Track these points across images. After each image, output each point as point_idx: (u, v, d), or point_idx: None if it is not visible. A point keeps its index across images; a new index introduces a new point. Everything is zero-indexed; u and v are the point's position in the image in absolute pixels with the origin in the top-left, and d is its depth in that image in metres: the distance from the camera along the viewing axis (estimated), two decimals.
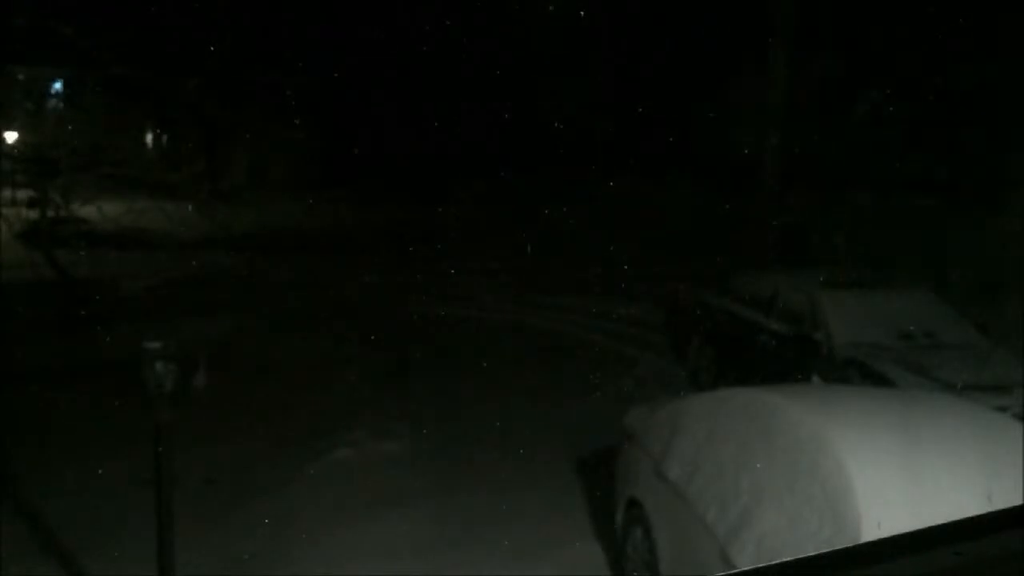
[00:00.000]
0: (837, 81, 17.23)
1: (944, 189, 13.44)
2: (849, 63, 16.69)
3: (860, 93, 16.65)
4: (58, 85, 22.37)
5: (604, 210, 18.72)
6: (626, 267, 15.06)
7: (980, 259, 11.71)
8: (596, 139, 20.99)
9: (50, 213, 17.20)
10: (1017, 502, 1.78)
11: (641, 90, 21.56)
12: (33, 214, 17.47)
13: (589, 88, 21.81)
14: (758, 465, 4.55)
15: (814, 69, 17.73)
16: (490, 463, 8.00)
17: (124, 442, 7.20)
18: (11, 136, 18.80)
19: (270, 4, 21.47)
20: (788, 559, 1.47)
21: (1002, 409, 6.03)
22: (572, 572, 6.24)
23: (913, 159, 14.46)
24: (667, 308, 12.67)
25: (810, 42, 17.38)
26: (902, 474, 4.11)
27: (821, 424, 4.46)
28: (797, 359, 8.79)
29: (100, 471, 7.42)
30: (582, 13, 20.35)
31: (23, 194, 18.55)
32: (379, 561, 6.20)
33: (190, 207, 17.28)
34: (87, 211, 16.49)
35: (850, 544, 3.47)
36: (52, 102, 22.41)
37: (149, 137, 31.09)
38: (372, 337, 12.28)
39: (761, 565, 1.47)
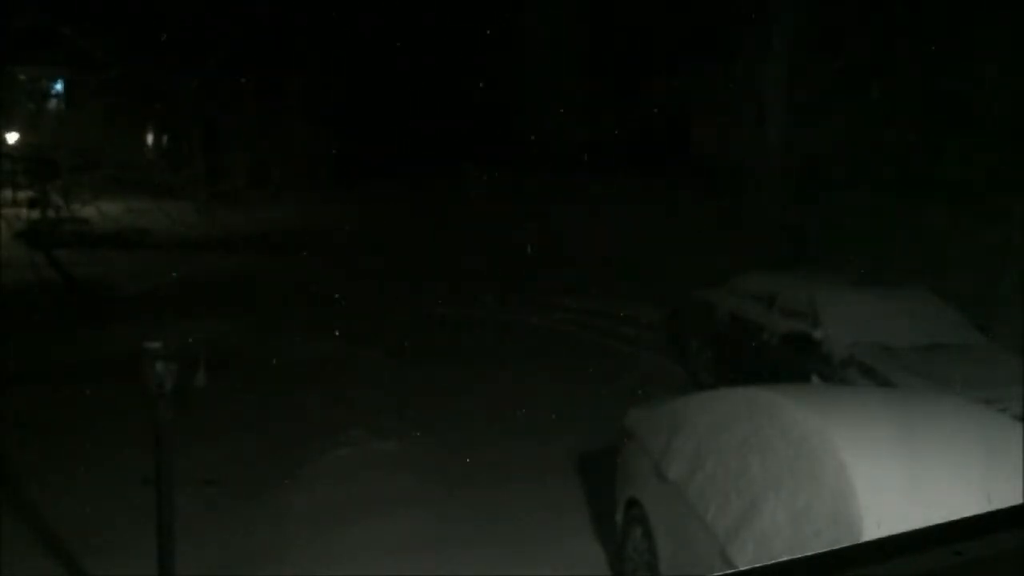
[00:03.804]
0: (838, 80, 17.23)
1: (945, 189, 13.44)
2: (850, 62, 16.69)
3: (861, 92, 16.65)
4: (58, 85, 22.39)
5: (605, 210, 18.72)
6: (626, 267, 15.06)
7: (980, 259, 11.71)
8: (598, 139, 20.99)
9: (50, 213, 17.20)
10: (1017, 502, 1.78)
11: (641, 89, 21.56)
12: (33, 214, 17.48)
13: (592, 87, 21.83)
14: (758, 465, 4.55)
15: (814, 67, 17.73)
16: (489, 462, 8.00)
17: (124, 442, 7.20)
18: (11, 136, 18.81)
19: (270, 4, 21.48)
20: (788, 559, 1.47)
21: (1002, 409, 6.03)
22: (572, 572, 6.24)
23: (915, 159, 14.46)
24: (667, 308, 12.67)
25: (811, 41, 17.39)
26: (902, 474, 4.12)
27: (821, 424, 4.46)
28: (797, 359, 8.79)
29: (100, 471, 7.42)
30: (583, 11, 20.37)
31: (23, 194, 18.56)
32: (379, 560, 6.20)
33: (190, 207, 17.28)
34: (87, 211, 16.49)
35: (850, 544, 3.47)
36: (52, 102, 22.43)
37: (149, 137, 31.12)
38: (372, 336, 12.29)
39: (761, 565, 1.47)
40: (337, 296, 14.71)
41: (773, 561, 3.40)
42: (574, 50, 21.54)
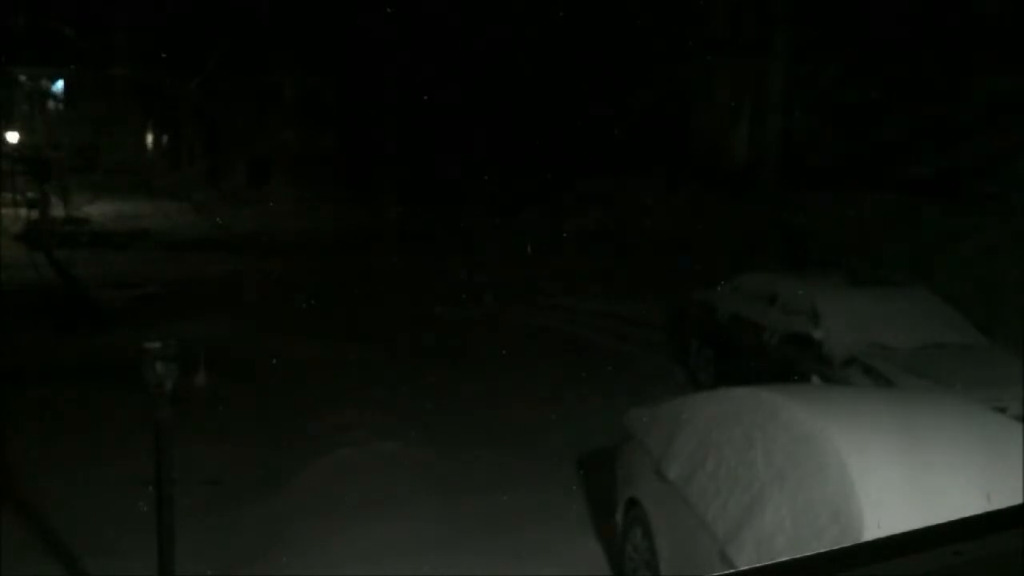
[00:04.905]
0: (837, 79, 17.23)
1: (945, 189, 13.44)
2: (850, 61, 16.69)
3: (861, 91, 16.65)
4: (58, 85, 22.42)
5: (605, 209, 18.72)
6: (626, 267, 15.06)
7: (980, 259, 11.71)
8: (596, 138, 21.00)
9: (50, 213, 17.22)
10: (1017, 502, 1.78)
11: (640, 88, 21.55)
12: (33, 214, 17.49)
13: (591, 87, 21.83)
14: (758, 465, 4.55)
15: (814, 67, 17.73)
16: (489, 462, 8.00)
17: (124, 442, 7.20)
18: (11, 136, 18.82)
19: (271, 4, 21.49)
20: (788, 559, 1.47)
21: (1002, 409, 6.03)
22: (572, 572, 6.24)
23: (914, 159, 14.46)
24: (667, 308, 12.68)
25: (811, 40, 17.40)
26: (902, 474, 4.12)
27: (821, 424, 4.46)
28: (797, 359, 8.79)
29: (101, 471, 7.42)
30: (582, 11, 20.36)
31: (23, 194, 18.57)
32: (380, 561, 6.20)
33: (190, 207, 17.28)
34: (87, 211, 16.50)
35: (850, 544, 3.47)
36: (52, 102, 22.47)
37: (149, 137, 31.14)
38: (373, 336, 12.29)
39: (761, 565, 1.47)
40: (337, 296, 14.72)
41: (773, 561, 3.40)
42: (572, 48, 21.53)
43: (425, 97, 22.41)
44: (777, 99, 18.54)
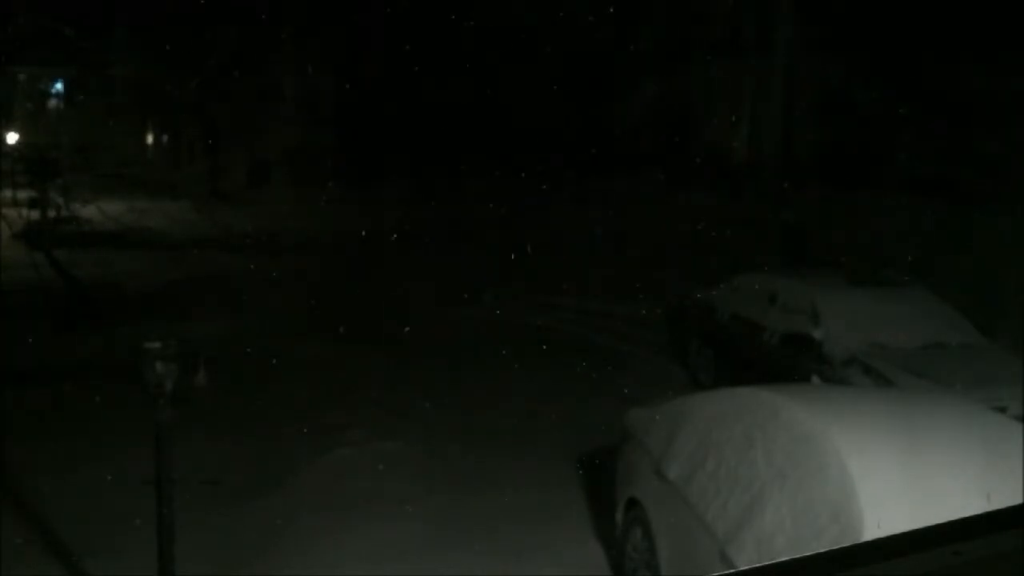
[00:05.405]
0: (838, 79, 17.23)
1: (945, 189, 13.44)
2: (850, 61, 16.69)
3: (861, 91, 16.65)
4: (58, 85, 22.43)
5: (605, 208, 18.70)
6: (626, 266, 15.04)
7: (980, 259, 11.70)
8: (597, 137, 21.00)
9: (50, 213, 17.22)
10: (1017, 502, 1.78)
11: (640, 87, 21.55)
12: (33, 214, 17.50)
13: (592, 86, 21.82)
14: (758, 465, 4.55)
15: (815, 67, 17.73)
16: (490, 462, 8.00)
17: (124, 442, 7.19)
18: (11, 136, 18.83)
19: (270, 3, 21.48)
20: (788, 559, 1.47)
21: (1002, 409, 6.04)
22: (572, 572, 6.24)
23: (914, 159, 14.46)
24: (667, 308, 12.67)
25: (812, 39, 17.40)
26: (902, 474, 4.12)
27: (821, 424, 4.46)
28: (797, 359, 8.79)
29: (100, 471, 7.41)
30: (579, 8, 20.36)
31: (23, 194, 18.58)
32: (380, 561, 6.20)
33: (190, 207, 17.29)
34: (87, 211, 16.51)
35: (850, 544, 3.47)
36: (52, 102, 22.49)
37: (149, 137, 31.16)
38: (373, 336, 12.28)
39: (761, 565, 1.47)
40: (337, 295, 14.71)
41: (773, 561, 3.40)
42: (574, 47, 21.53)
43: (426, 96, 22.40)
44: (777, 99, 18.52)
